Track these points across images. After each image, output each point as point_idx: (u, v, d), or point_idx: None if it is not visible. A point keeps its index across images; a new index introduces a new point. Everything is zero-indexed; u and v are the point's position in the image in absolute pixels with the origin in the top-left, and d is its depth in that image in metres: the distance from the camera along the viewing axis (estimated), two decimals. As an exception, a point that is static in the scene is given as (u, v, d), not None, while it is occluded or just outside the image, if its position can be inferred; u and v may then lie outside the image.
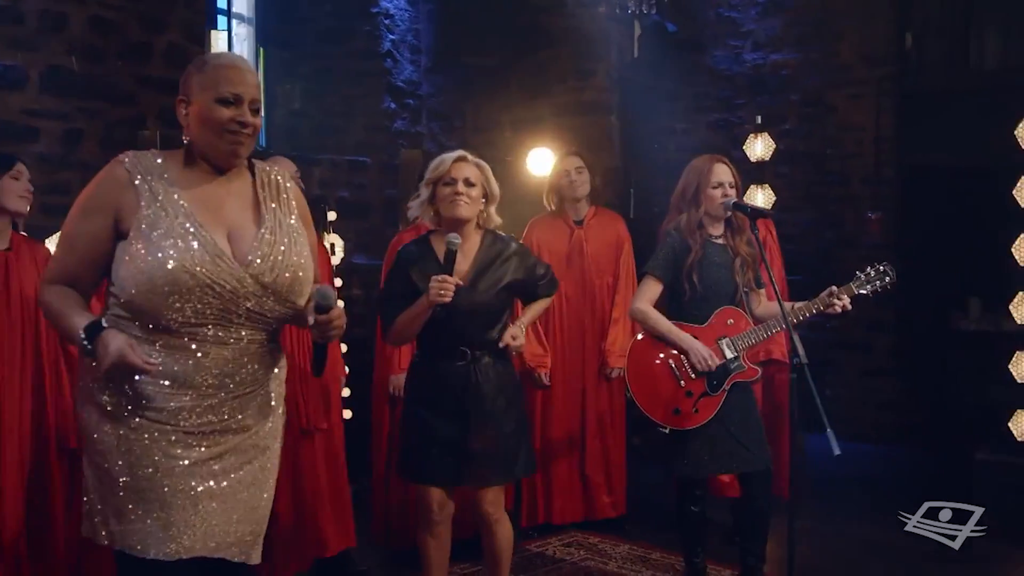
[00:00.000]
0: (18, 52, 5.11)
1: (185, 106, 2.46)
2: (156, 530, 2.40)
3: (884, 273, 3.98)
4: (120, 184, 2.42)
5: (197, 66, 2.50)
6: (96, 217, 2.43)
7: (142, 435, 2.40)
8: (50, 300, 2.47)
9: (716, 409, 3.88)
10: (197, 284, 2.36)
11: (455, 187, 3.45)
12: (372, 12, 7.62)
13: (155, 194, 2.41)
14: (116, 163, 2.46)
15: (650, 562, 4.73)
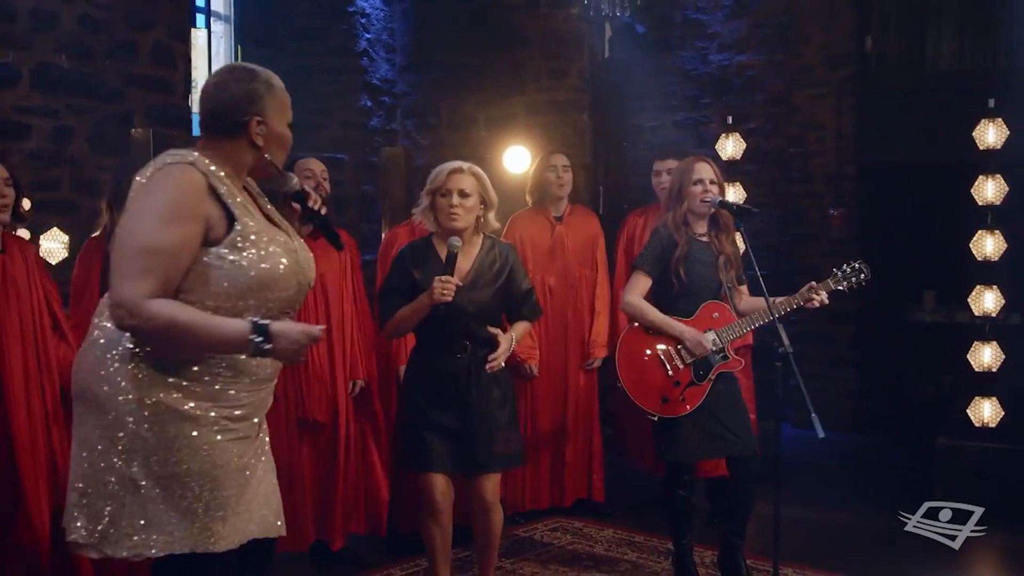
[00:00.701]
0: (10, 50, 5.15)
1: (261, 124, 2.51)
2: (241, 516, 2.47)
3: (859, 270, 4.20)
4: (203, 191, 2.41)
5: (264, 87, 2.53)
6: (187, 225, 2.37)
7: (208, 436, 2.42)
8: (169, 314, 2.32)
9: (703, 398, 4.08)
10: (295, 283, 2.53)
11: (450, 199, 3.66)
12: (348, 11, 7.72)
13: (226, 200, 2.44)
14: (190, 169, 2.41)
15: (634, 544, 4.94)
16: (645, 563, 4.66)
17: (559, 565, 4.63)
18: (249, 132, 2.50)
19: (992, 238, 5.75)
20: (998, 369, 5.79)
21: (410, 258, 3.77)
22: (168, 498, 2.36)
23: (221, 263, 2.40)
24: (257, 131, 2.51)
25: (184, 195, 2.38)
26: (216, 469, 2.40)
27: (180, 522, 2.36)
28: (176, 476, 2.36)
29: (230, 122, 2.50)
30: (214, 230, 2.41)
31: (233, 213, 2.43)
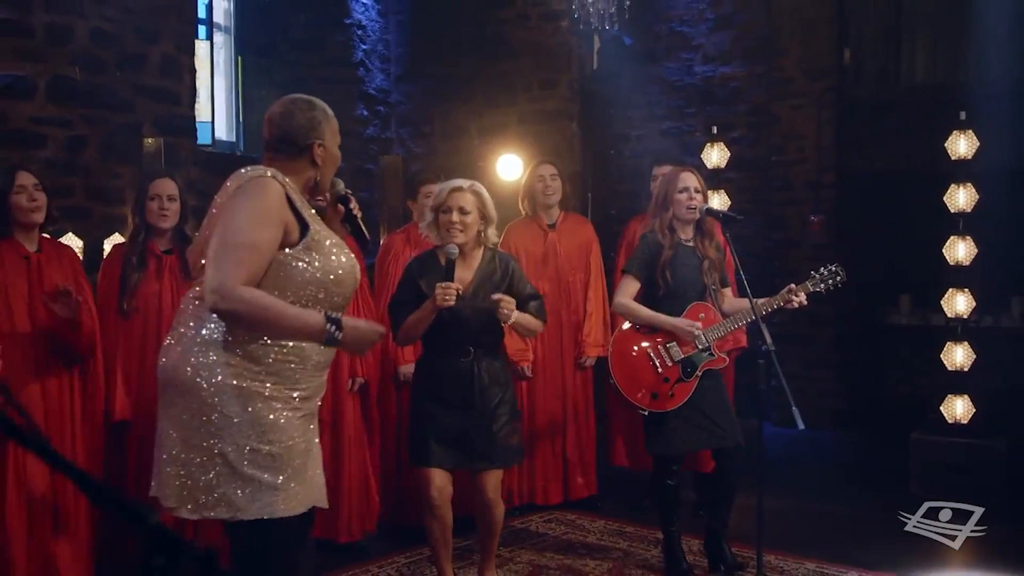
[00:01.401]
0: (27, 63, 5.37)
1: (321, 147, 2.91)
2: (304, 488, 2.83)
3: (835, 273, 4.48)
4: (283, 200, 2.79)
5: (323, 115, 2.96)
6: (274, 228, 2.74)
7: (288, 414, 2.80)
8: (256, 299, 2.67)
9: (690, 393, 4.35)
10: (352, 282, 2.90)
11: (450, 216, 3.93)
12: (345, 23, 7.97)
13: (309, 212, 2.86)
14: (271, 180, 2.79)
15: (625, 534, 5.20)
16: (636, 551, 4.92)
17: (554, 553, 4.89)
18: (312, 153, 2.91)
19: (963, 243, 6.05)
20: (970, 368, 6.09)
21: (417, 270, 4.03)
22: (252, 468, 2.72)
23: (296, 264, 2.77)
24: (318, 152, 2.92)
25: (270, 203, 2.77)
26: (291, 442, 2.78)
27: (262, 489, 2.72)
28: (258, 450, 2.73)
29: (297, 146, 2.90)
30: (290, 235, 2.79)
31: (306, 221, 2.81)
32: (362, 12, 8.11)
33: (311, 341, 2.77)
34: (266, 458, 2.73)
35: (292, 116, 2.91)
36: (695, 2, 8.68)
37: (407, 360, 4.86)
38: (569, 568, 4.67)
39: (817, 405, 8.16)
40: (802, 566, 4.67)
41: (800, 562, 4.72)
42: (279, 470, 2.75)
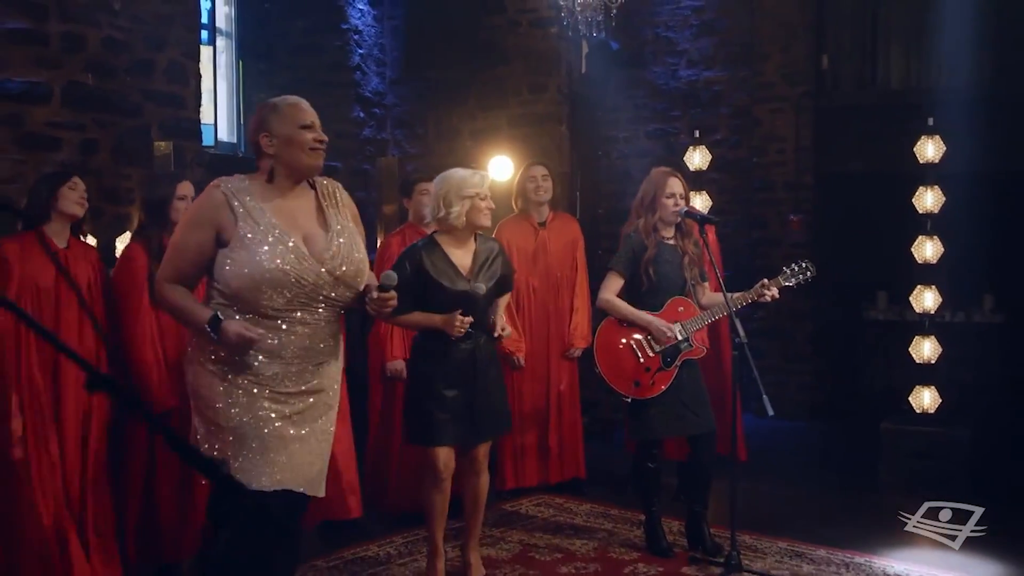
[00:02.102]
0: (43, 70, 5.63)
1: (269, 138, 3.14)
2: (258, 466, 3.08)
3: (806, 269, 4.80)
4: (218, 205, 3.10)
5: (269, 109, 3.19)
6: (202, 230, 3.10)
7: (245, 395, 3.09)
8: (172, 297, 3.15)
9: (670, 382, 4.66)
10: (288, 279, 3.06)
11: (488, 202, 4.20)
12: (342, 28, 8.23)
13: (248, 211, 3.09)
14: (214, 188, 3.14)
15: (610, 517, 5.52)
16: (620, 531, 5.24)
17: (543, 534, 5.20)
18: (263, 148, 3.17)
19: (931, 243, 6.37)
20: (937, 361, 6.42)
21: (419, 256, 4.18)
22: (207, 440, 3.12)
23: (224, 260, 3.08)
24: (266, 143, 3.16)
25: (201, 208, 3.15)
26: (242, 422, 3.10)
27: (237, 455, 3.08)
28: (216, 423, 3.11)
29: (254, 146, 3.21)
30: (224, 234, 3.09)
31: (239, 220, 3.07)
32: (358, 18, 8.37)
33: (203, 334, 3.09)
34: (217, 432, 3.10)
35: (249, 126, 3.32)
36: (680, 9, 9.00)
37: (395, 356, 5.14)
38: (557, 547, 4.98)
39: (796, 398, 8.51)
40: (775, 544, 5.00)
41: (773, 541, 5.04)
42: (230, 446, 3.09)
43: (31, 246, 3.93)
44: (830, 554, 4.85)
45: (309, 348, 3.16)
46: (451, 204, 4.15)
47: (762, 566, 4.62)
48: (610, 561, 4.77)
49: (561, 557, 4.82)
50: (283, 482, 3.11)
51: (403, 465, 5.26)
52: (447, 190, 4.16)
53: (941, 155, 6.33)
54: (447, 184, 4.18)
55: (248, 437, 3.09)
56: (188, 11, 6.61)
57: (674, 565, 4.70)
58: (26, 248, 3.91)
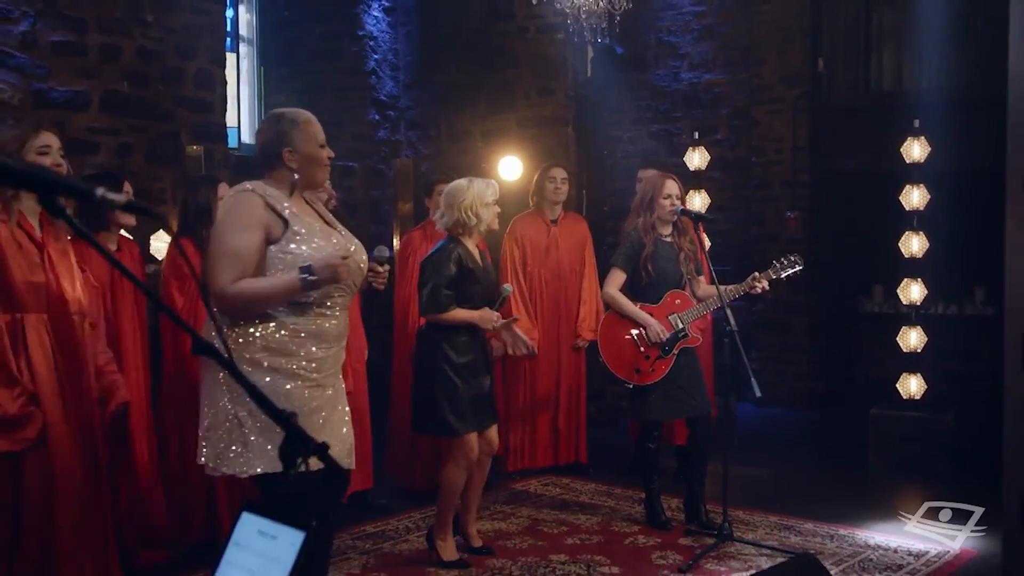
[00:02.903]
0: (83, 79, 6.03)
1: (292, 153, 3.42)
2: None
3: (795, 263, 5.16)
4: (262, 208, 3.31)
5: (289, 124, 3.44)
6: (253, 232, 3.28)
7: (292, 381, 3.35)
8: (247, 288, 3.23)
9: (668, 368, 5.04)
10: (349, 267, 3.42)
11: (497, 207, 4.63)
12: (358, 35, 8.61)
13: (287, 212, 3.38)
14: (251, 193, 3.32)
15: (613, 495, 5.90)
16: (622, 508, 5.63)
17: (551, 510, 5.60)
18: (283, 159, 3.42)
19: (917, 238, 6.75)
20: (924, 350, 6.79)
21: (463, 255, 4.55)
22: (261, 431, 3.25)
23: (282, 255, 3.32)
24: (289, 157, 3.41)
25: (246, 211, 3.31)
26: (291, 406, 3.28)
27: (270, 448, 3.22)
28: (257, 414, 3.20)
29: (270, 156, 3.44)
30: (272, 233, 3.33)
31: (287, 219, 3.34)
32: (374, 24, 8.75)
33: (296, 296, 3.28)
34: (265, 420, 3.11)
35: (262, 133, 3.49)
36: (682, 14, 9.36)
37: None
38: (564, 521, 5.37)
39: (793, 386, 8.89)
40: (766, 519, 5.38)
41: (765, 516, 5.43)
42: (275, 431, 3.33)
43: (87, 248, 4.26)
44: (816, 527, 5.24)
45: (342, 331, 3.52)
46: (479, 213, 4.53)
47: (752, 537, 5.01)
48: (612, 533, 5.16)
49: (567, 530, 5.21)
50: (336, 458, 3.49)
51: (420, 444, 5.66)
52: (472, 201, 4.52)
53: (926, 155, 6.69)
54: (470, 195, 4.53)
55: (314, 419, 3.37)
56: (215, 22, 7.00)
57: (671, 536, 5.08)
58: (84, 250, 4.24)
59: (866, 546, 4.94)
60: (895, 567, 4.61)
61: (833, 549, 4.88)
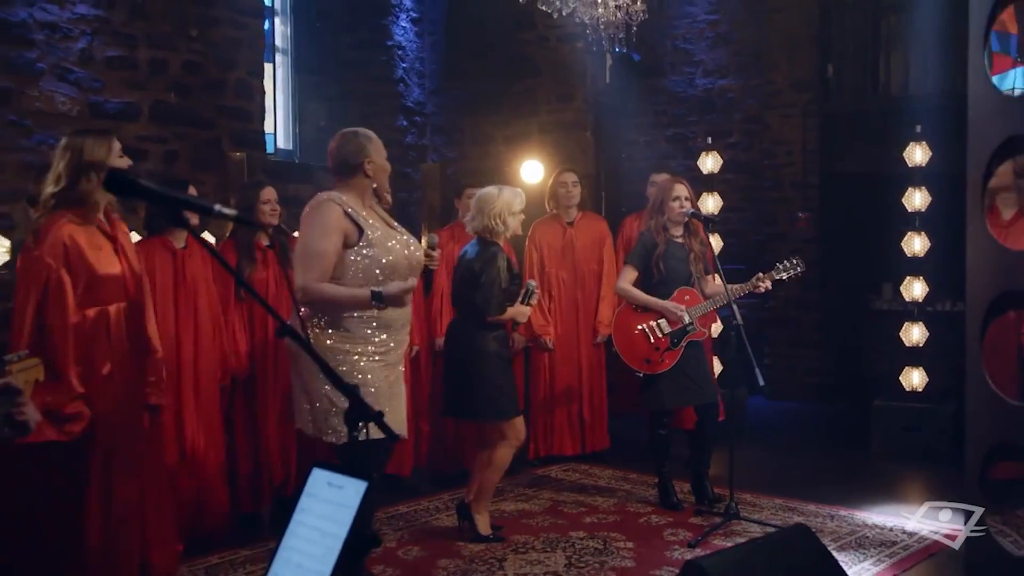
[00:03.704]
0: (134, 91, 6.48)
1: (370, 164, 4.01)
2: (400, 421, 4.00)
3: (796, 265, 5.53)
4: (340, 215, 3.91)
5: (365, 139, 4.08)
6: (335, 236, 3.86)
7: (362, 360, 3.92)
8: (329, 291, 3.84)
9: (677, 359, 5.43)
10: (408, 264, 3.97)
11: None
12: (387, 44, 9.02)
13: (365, 218, 3.95)
14: (330, 201, 3.93)
15: (629, 480, 6.30)
16: (637, 491, 6.02)
17: (570, 493, 5.99)
18: (364, 169, 3.99)
19: (919, 238, 7.09)
20: (925, 345, 7.13)
21: (509, 262, 5.01)
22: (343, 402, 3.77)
23: (356, 258, 3.88)
24: (368, 168, 4.02)
25: (330, 218, 3.92)
26: (371, 384, 3.89)
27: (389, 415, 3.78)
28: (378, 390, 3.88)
29: (351, 167, 4.01)
30: (350, 238, 3.89)
31: (362, 226, 3.89)
32: (402, 35, 9.16)
33: (361, 309, 3.85)
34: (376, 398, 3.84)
35: (343, 147, 4.03)
36: (696, 23, 9.73)
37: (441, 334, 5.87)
38: (582, 503, 5.77)
39: (803, 380, 9.23)
40: (771, 501, 5.75)
41: (770, 498, 5.79)
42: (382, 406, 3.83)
43: (155, 249, 4.71)
44: (818, 508, 5.60)
45: (406, 320, 4.07)
46: (506, 221, 4.94)
47: (757, 517, 5.37)
48: (627, 513, 5.55)
49: (585, 510, 5.61)
50: (399, 427, 4.03)
51: (448, 431, 6.08)
52: (500, 209, 4.92)
53: (928, 159, 7.04)
54: (500, 204, 4.92)
55: (366, 394, 3.84)
56: (254, 35, 7.45)
57: (682, 516, 5.47)
58: (151, 249, 4.68)
59: (863, 525, 5.30)
60: (889, 543, 4.98)
61: (832, 528, 5.25)
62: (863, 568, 4.62)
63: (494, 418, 4.93)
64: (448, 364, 5.11)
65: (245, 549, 4.85)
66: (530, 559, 4.75)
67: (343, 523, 2.13)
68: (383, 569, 4.58)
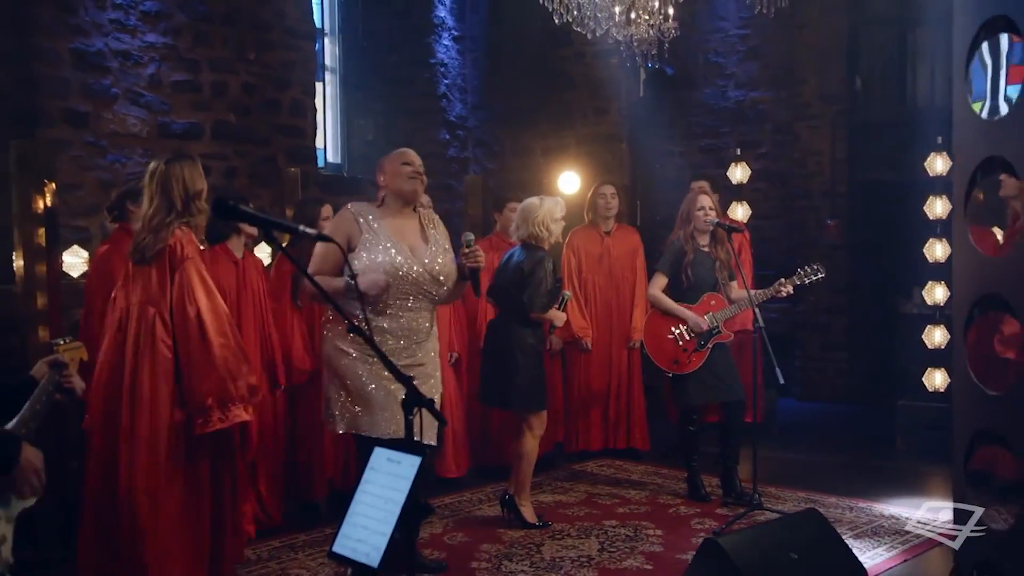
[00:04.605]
0: (198, 112, 6.97)
1: (383, 176, 4.45)
2: (382, 420, 4.27)
3: (816, 271, 5.88)
4: (348, 220, 4.34)
5: (385, 159, 4.54)
6: (337, 238, 4.09)
7: (367, 366, 4.27)
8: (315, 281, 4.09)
9: (703, 360, 5.80)
10: (397, 273, 4.26)
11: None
12: (430, 62, 9.46)
13: (370, 225, 4.33)
14: (345, 209, 4.38)
15: (660, 475, 6.66)
16: (668, 485, 6.38)
17: (604, 486, 6.38)
18: (378, 183, 4.50)
19: (940, 244, 7.39)
20: (946, 346, 7.42)
21: (555, 266, 5.43)
22: (380, 403, 4.23)
23: (354, 261, 4.25)
24: (381, 180, 4.48)
25: (337, 224, 4.41)
26: (370, 387, 4.27)
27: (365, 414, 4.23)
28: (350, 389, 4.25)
29: (376, 182, 4.51)
30: (352, 242, 4.31)
31: (364, 232, 4.30)
32: (444, 52, 9.60)
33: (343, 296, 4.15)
34: (354, 395, 4.26)
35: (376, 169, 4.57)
36: (728, 37, 10.07)
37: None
38: (616, 495, 6.15)
39: (833, 382, 9.53)
40: (795, 494, 6.09)
41: (794, 492, 6.13)
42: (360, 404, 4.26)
43: (220, 257, 5.17)
44: (839, 500, 5.94)
45: (410, 329, 4.37)
46: (549, 228, 5.34)
47: (780, 508, 5.72)
48: (658, 505, 5.92)
49: (619, 502, 5.99)
50: (397, 432, 4.29)
51: (491, 428, 6.50)
52: (544, 217, 5.33)
53: (948, 168, 7.33)
54: (543, 212, 5.33)
55: (373, 398, 4.26)
56: (306, 57, 7.92)
57: (709, 507, 5.83)
58: (215, 258, 5.13)
59: (880, 516, 5.64)
60: (903, 533, 5.30)
61: (851, 518, 5.59)
62: (876, 553, 4.95)
63: (526, 408, 5.33)
64: (487, 356, 5.52)
65: (303, 534, 5.29)
66: (565, 544, 5.14)
67: (401, 491, 2.55)
68: (431, 552, 4.99)
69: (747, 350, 6.47)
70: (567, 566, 4.78)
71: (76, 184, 6.17)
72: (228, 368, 3.88)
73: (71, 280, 5.57)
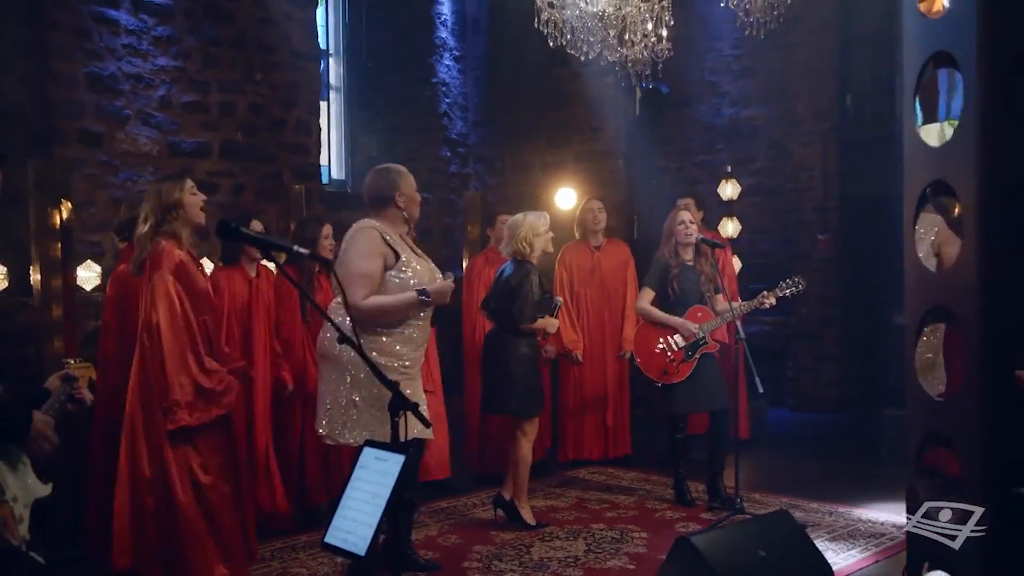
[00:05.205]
0: (206, 131, 7.26)
1: (401, 196, 4.58)
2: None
3: (797, 283, 6.11)
4: (381, 241, 4.48)
5: (396, 174, 4.62)
6: (377, 259, 4.40)
7: (388, 372, 4.48)
8: (378, 301, 4.35)
9: (691, 370, 6.04)
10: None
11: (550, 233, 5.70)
12: (432, 82, 9.75)
13: (399, 246, 4.53)
14: (372, 229, 4.48)
15: (650, 481, 6.90)
16: (656, 491, 6.61)
17: (596, 492, 6.62)
18: (396, 201, 4.57)
19: (925, 259, 7.60)
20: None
21: (542, 279, 5.65)
22: (370, 409, 4.38)
23: (394, 279, 4.45)
24: (399, 200, 4.58)
25: (373, 244, 4.46)
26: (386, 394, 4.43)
27: (376, 423, 4.34)
28: (374, 397, 4.34)
29: (384, 200, 4.59)
30: (388, 261, 4.47)
31: (397, 251, 4.48)
32: (446, 72, 9.89)
33: (414, 310, 4.39)
34: (377, 402, 4.27)
35: (377, 182, 4.59)
36: (722, 56, 10.32)
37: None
38: (606, 500, 6.38)
39: (826, 392, 9.74)
40: (777, 499, 6.31)
41: (776, 497, 6.36)
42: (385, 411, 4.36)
43: (236, 275, 5.44)
44: (820, 505, 6.17)
45: (425, 338, 4.65)
46: (532, 242, 5.59)
47: (761, 512, 5.94)
48: (646, 509, 6.16)
49: (608, 506, 6.23)
50: (422, 433, 4.57)
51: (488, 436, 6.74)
52: (526, 232, 5.57)
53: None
54: (525, 228, 5.58)
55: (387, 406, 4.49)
56: (311, 77, 8.23)
57: (695, 512, 6.07)
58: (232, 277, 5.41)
59: (858, 520, 5.86)
60: (878, 535, 5.53)
61: (829, 522, 5.82)
62: (850, 555, 5.19)
63: (521, 413, 5.59)
64: (485, 367, 5.78)
65: (305, 535, 5.54)
66: (554, 546, 5.39)
67: (387, 486, 2.81)
68: (425, 552, 5.24)
69: (725, 362, 6.71)
70: (554, 566, 5.03)
71: (90, 201, 6.46)
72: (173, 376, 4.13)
73: (84, 293, 5.85)
